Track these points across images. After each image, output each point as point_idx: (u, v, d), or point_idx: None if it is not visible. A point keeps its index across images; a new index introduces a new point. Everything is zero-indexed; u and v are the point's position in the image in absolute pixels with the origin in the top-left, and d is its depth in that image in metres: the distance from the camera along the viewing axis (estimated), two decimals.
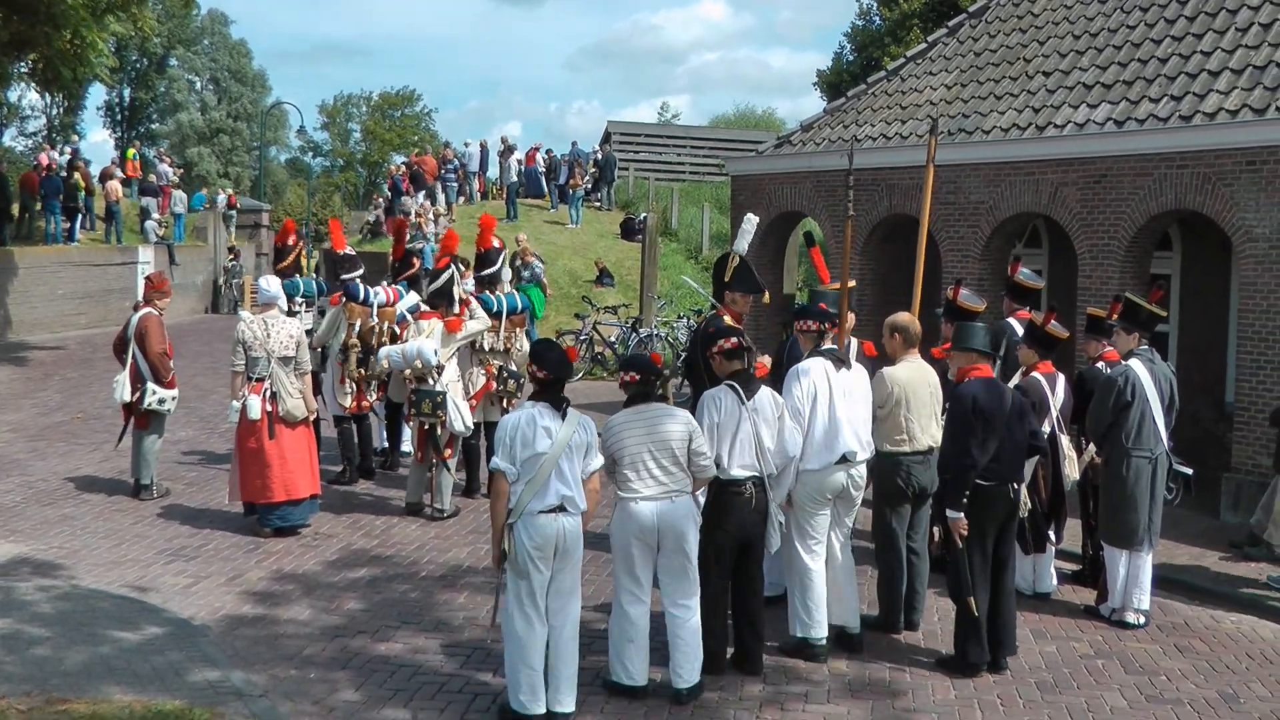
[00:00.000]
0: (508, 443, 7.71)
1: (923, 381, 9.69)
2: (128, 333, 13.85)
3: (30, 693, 7.95)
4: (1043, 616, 10.42)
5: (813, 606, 9.12)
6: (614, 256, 34.14)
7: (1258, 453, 13.49)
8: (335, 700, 8.20)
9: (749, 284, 10.52)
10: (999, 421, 8.90)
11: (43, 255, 29.66)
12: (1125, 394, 10.11)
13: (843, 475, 9.18)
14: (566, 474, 7.78)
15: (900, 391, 9.52)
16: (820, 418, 9.13)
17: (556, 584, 7.85)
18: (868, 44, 43.49)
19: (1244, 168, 13.63)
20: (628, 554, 8.23)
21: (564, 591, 7.89)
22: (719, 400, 8.68)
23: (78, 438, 17.42)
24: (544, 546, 7.70)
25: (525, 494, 7.68)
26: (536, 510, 7.69)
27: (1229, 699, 8.66)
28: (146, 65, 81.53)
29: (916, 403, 9.57)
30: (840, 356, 9.45)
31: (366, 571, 11.17)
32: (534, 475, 7.67)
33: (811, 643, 9.16)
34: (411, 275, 15.08)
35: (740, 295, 10.43)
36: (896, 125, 18.63)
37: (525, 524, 7.69)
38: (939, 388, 9.79)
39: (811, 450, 9.11)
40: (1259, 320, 13.51)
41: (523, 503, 7.68)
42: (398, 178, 39.99)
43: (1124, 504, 10.21)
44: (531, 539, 7.68)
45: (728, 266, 10.53)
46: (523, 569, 7.73)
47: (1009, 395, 9.21)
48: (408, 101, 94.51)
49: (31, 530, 12.45)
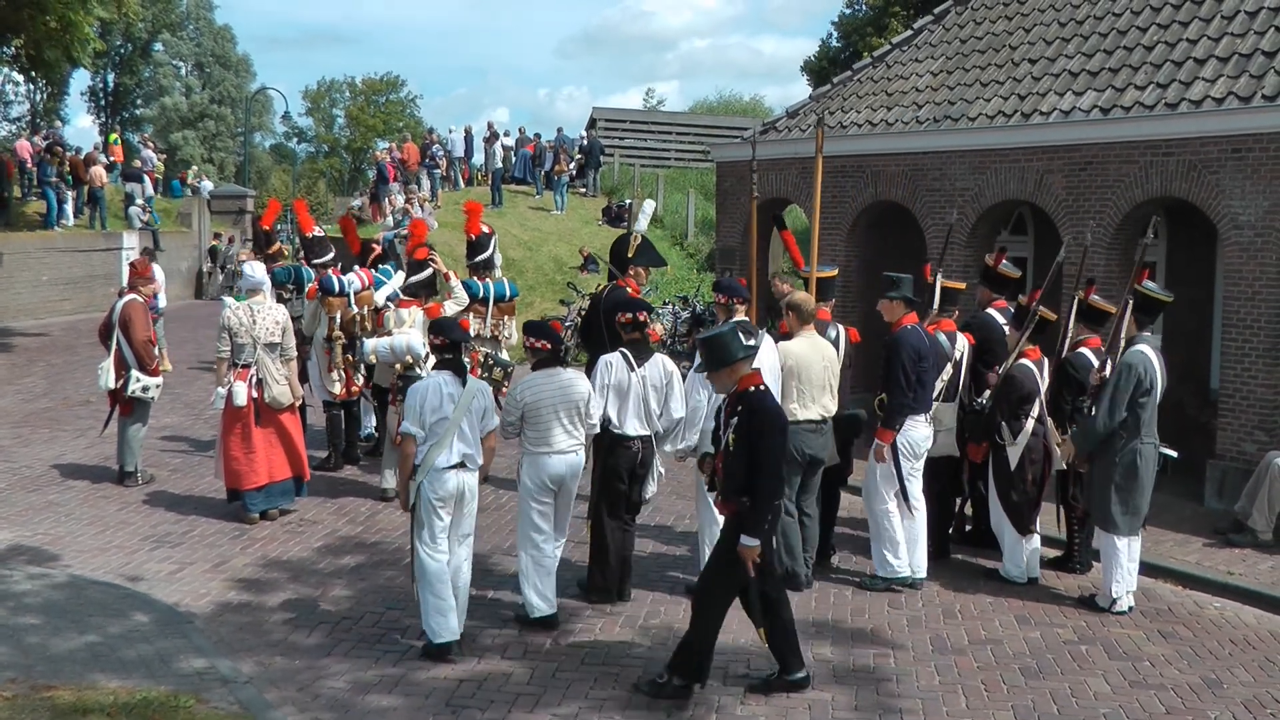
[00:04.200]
0: (418, 409, 8.69)
1: (817, 355, 10.43)
2: (112, 319, 13.79)
3: (15, 679, 7.94)
4: (1026, 602, 10.46)
5: None
6: (599, 243, 34.03)
7: (1242, 439, 13.53)
8: (321, 687, 8.21)
9: (652, 258, 11.96)
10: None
11: (27, 241, 29.53)
12: (1145, 382, 10.08)
13: None
14: (467, 434, 8.81)
15: (793, 363, 10.27)
16: None
17: (457, 529, 8.90)
18: (853, 32, 43.47)
19: (1229, 155, 13.65)
20: (538, 501, 9.42)
21: (462, 536, 8.97)
22: (611, 364, 9.83)
23: (62, 424, 17.36)
24: (446, 499, 8.74)
25: (432, 453, 8.68)
26: (442, 466, 8.69)
27: (1212, 684, 8.71)
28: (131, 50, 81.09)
29: (808, 375, 10.32)
30: (749, 328, 10.07)
31: (351, 558, 11.17)
32: (440, 436, 8.67)
33: None
34: (378, 257, 15.09)
35: (643, 269, 11.75)
36: (882, 112, 18.62)
37: (431, 478, 8.70)
38: (835, 362, 10.59)
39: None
40: (1244, 307, 13.54)
41: (429, 460, 8.68)
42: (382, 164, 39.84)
43: (1137, 492, 10.16)
44: (436, 492, 8.70)
45: (630, 244, 11.63)
46: (426, 517, 8.74)
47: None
48: (391, 87, 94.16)
49: (16, 517, 12.41)
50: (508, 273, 30.21)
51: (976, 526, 12.10)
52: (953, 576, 11.18)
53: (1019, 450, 10.87)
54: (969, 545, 12.04)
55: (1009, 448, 10.90)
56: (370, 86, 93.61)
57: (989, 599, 10.54)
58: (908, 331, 10.68)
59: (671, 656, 8.24)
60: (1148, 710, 8.21)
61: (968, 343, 11.68)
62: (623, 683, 8.39)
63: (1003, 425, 10.92)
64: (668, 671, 8.16)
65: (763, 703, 8.14)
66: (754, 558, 7.88)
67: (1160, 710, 8.22)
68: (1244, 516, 12.23)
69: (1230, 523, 12.43)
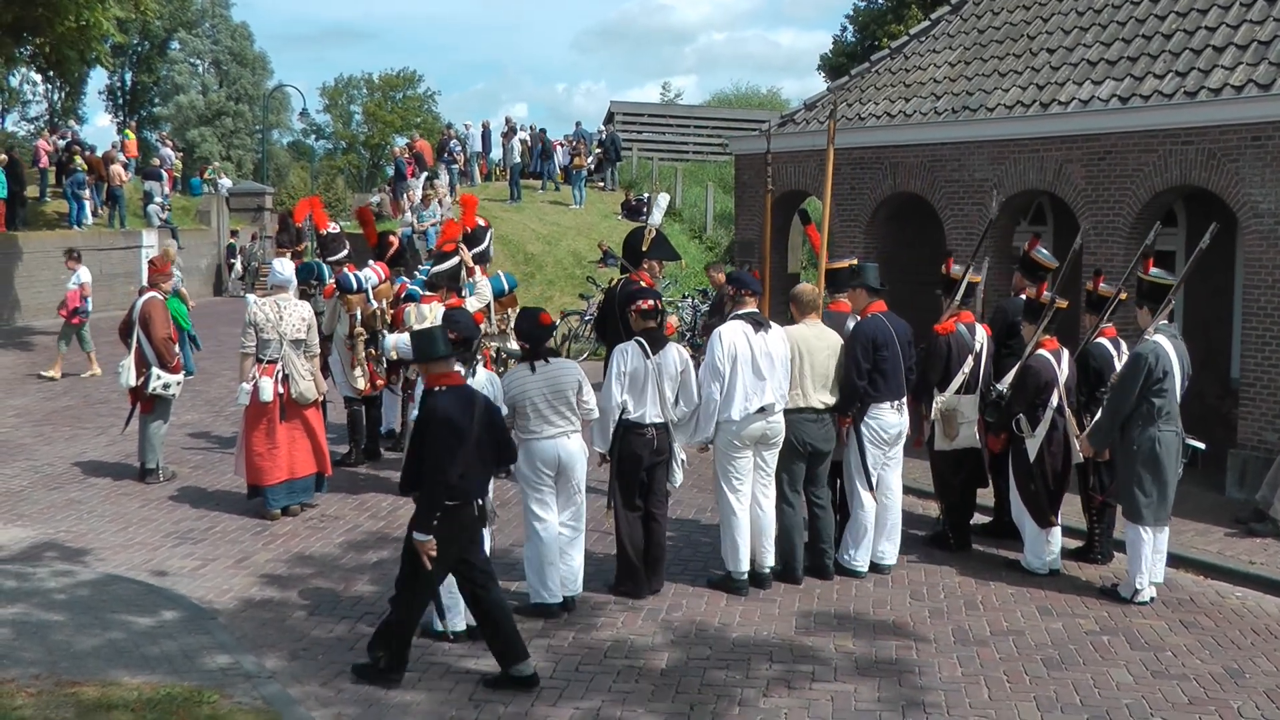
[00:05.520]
0: None
1: (821, 344, 10.52)
2: (132, 316, 13.84)
3: (40, 676, 7.98)
4: (1048, 593, 10.44)
5: (739, 542, 10.22)
6: (617, 237, 34.02)
7: (1263, 428, 13.48)
8: (344, 683, 8.23)
9: (666, 252, 12.04)
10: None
11: (47, 239, 29.61)
12: (1157, 371, 10.03)
13: (761, 424, 10.08)
14: None
15: (796, 349, 10.35)
16: (741, 375, 10.00)
17: None
18: (870, 24, 43.35)
19: (1249, 143, 13.59)
20: (535, 487, 9.53)
21: None
22: (627, 353, 9.91)
23: (83, 422, 17.45)
24: None
25: None
26: None
27: (1234, 674, 8.67)
28: (148, 48, 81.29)
29: (811, 362, 10.41)
30: (760, 319, 10.28)
31: (374, 553, 11.20)
32: None
33: (734, 578, 10.28)
34: (395, 254, 15.11)
35: (658, 262, 11.81)
36: (900, 103, 18.58)
37: None
38: (838, 353, 10.58)
39: (734, 404, 10.01)
40: (1264, 295, 13.48)
41: None
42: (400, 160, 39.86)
43: (1159, 480, 10.09)
44: None
45: (644, 238, 11.65)
46: None
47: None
48: (409, 83, 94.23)
49: (39, 515, 12.49)
50: (527, 267, 30.32)
51: (998, 518, 12.07)
52: (975, 568, 11.17)
53: (1038, 442, 10.83)
54: (991, 536, 12.02)
55: (1028, 440, 10.86)
56: (387, 82, 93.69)
57: (1010, 590, 10.52)
58: (866, 321, 10.82)
59: (374, 633, 8.35)
60: (1170, 700, 8.18)
61: (986, 334, 11.65)
62: (646, 677, 8.40)
63: (1021, 417, 10.88)
64: (371, 649, 8.28)
65: (785, 695, 8.14)
66: (427, 552, 7.97)
67: (1183, 700, 8.19)
68: (1265, 506, 12.18)
69: (1251, 512, 12.38)
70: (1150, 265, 10.81)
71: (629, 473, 9.98)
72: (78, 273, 21.53)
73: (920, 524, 12.54)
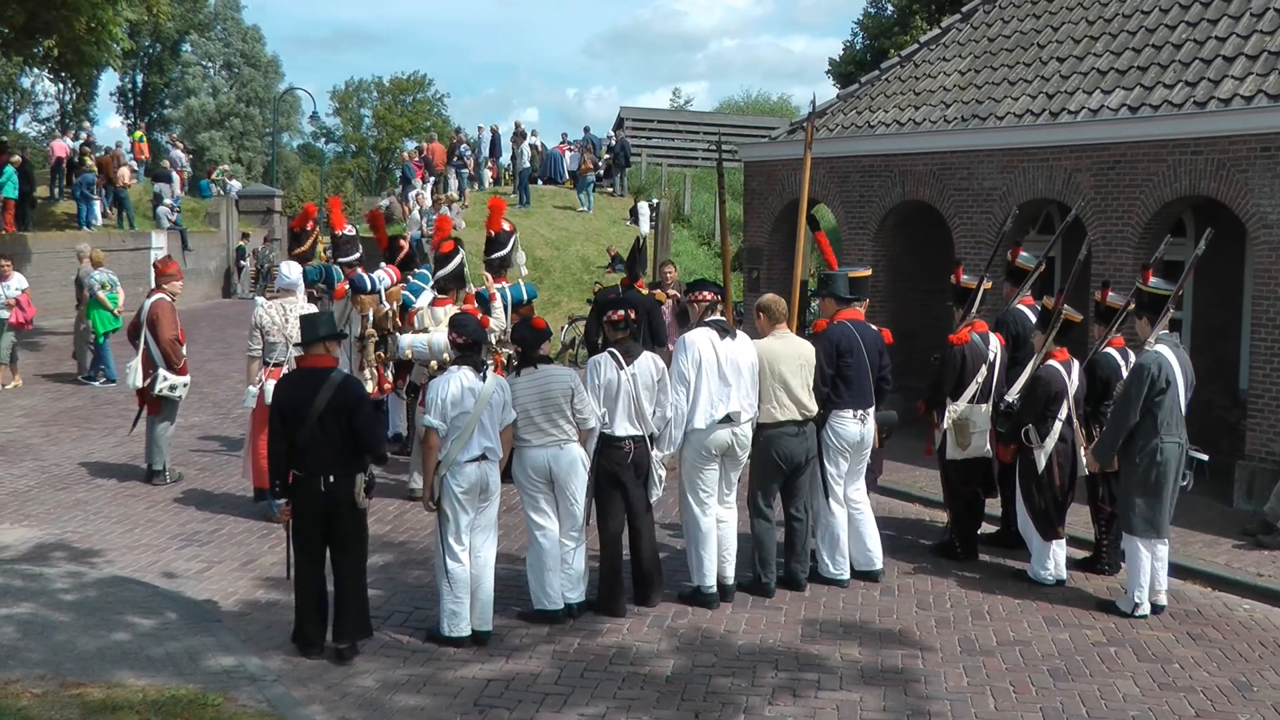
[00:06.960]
0: (439, 403, 8.90)
1: (792, 355, 10.32)
2: (140, 318, 13.85)
3: (44, 676, 7.99)
4: (1054, 604, 10.41)
5: (704, 557, 10.06)
6: (625, 242, 34.05)
7: (1271, 440, 13.45)
8: (349, 686, 8.24)
9: (637, 264, 12.23)
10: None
11: (56, 240, 29.66)
12: (1159, 381, 9.99)
13: (727, 434, 9.94)
14: (487, 427, 9.03)
15: (764, 362, 10.18)
16: (706, 381, 9.89)
17: (479, 521, 9.11)
18: (879, 33, 43.34)
19: (1258, 154, 13.56)
20: (530, 494, 9.52)
21: (484, 528, 9.16)
22: (599, 364, 9.84)
23: (90, 423, 17.47)
24: (470, 490, 8.97)
25: (454, 447, 8.92)
26: (464, 460, 8.93)
27: (1242, 687, 8.65)
28: (160, 50, 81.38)
29: (781, 373, 10.21)
30: (725, 326, 10.17)
31: (379, 557, 11.17)
32: (461, 430, 8.90)
33: (703, 591, 10.11)
34: (406, 257, 15.12)
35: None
36: (910, 111, 18.56)
37: (454, 471, 8.94)
38: (811, 363, 10.39)
39: (698, 411, 9.89)
40: (1273, 306, 13.45)
41: (452, 454, 8.92)
42: (408, 165, 39.91)
43: (1157, 493, 10.04)
44: (459, 484, 8.93)
45: (638, 248, 12.04)
46: (450, 511, 8.96)
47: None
48: (418, 87, 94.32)
49: (45, 515, 12.50)
50: (535, 272, 30.32)
51: (1006, 528, 12.05)
52: (981, 578, 11.15)
53: (1046, 454, 10.80)
54: (998, 546, 11.99)
55: (1036, 450, 10.82)
56: (398, 86, 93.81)
57: (1017, 600, 10.49)
58: (833, 326, 10.80)
59: None
60: (1177, 713, 8.16)
61: (1000, 344, 11.64)
62: (650, 684, 8.39)
63: (1030, 428, 10.85)
64: None
65: (790, 703, 8.13)
66: (284, 518, 8.81)
67: (1190, 713, 8.16)
68: (1273, 517, 12.14)
69: (1259, 524, 12.33)
70: (1149, 276, 10.76)
71: (606, 487, 9.87)
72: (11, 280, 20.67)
73: (927, 533, 12.53)
